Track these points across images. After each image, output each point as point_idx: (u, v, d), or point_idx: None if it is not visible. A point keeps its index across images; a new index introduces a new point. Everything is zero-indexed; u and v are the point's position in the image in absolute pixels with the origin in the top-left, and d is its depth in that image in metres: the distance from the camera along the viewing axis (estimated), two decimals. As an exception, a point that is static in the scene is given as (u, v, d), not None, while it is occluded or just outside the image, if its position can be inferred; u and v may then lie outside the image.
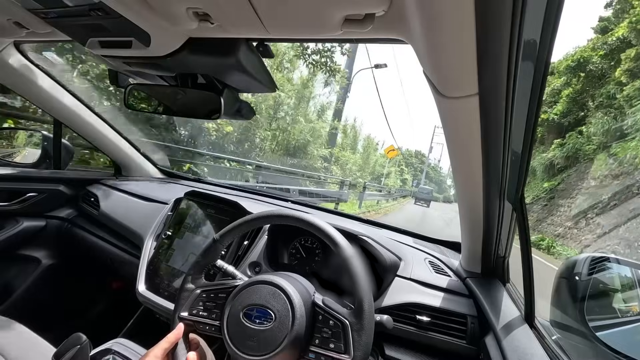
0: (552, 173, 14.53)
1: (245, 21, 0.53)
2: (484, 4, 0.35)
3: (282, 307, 0.61)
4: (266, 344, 0.60)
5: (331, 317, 0.62)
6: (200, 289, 0.70)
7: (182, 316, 0.68)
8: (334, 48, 9.95)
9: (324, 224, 0.70)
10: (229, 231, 0.75)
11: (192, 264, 0.74)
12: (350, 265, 0.65)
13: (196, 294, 0.70)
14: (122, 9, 0.53)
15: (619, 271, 0.88)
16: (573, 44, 30.35)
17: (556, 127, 14.95)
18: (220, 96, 0.72)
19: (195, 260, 0.74)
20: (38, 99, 1.35)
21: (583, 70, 14.19)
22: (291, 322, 0.60)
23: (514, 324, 0.75)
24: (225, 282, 0.71)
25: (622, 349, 0.69)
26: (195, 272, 0.73)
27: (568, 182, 13.18)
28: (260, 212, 0.75)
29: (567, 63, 14.67)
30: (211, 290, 0.70)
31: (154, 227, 1.27)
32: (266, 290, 0.64)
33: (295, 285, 0.66)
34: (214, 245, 0.74)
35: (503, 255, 0.86)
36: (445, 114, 0.55)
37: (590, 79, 14.07)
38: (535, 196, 14.51)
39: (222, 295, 0.69)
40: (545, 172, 15.06)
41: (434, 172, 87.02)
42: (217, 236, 0.75)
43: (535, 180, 15.41)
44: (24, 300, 1.49)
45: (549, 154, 14.64)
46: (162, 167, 1.89)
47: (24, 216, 1.49)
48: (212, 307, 0.68)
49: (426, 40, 0.44)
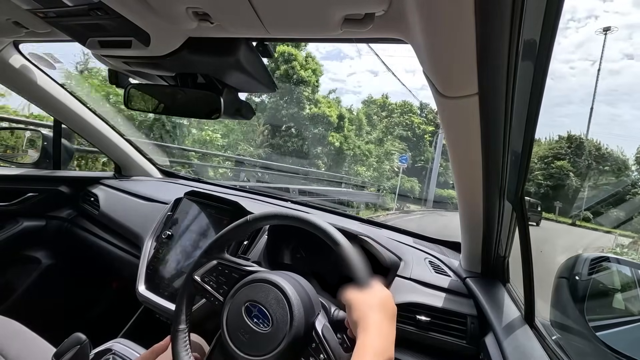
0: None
1: (245, 21, 0.52)
2: (484, 4, 0.35)
3: (281, 320, 0.60)
4: (256, 346, 0.59)
5: (324, 351, 0.59)
6: (217, 261, 0.72)
7: (195, 278, 0.71)
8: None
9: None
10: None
11: (217, 237, 0.74)
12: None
13: (213, 263, 0.72)
14: (121, 9, 0.53)
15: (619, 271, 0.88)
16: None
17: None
18: (220, 96, 0.72)
19: (221, 234, 0.74)
20: (38, 98, 1.35)
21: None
22: (283, 338, 0.59)
23: (514, 323, 0.75)
24: (241, 263, 0.71)
25: (622, 349, 0.69)
26: (218, 245, 0.74)
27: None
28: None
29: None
30: (227, 266, 0.71)
31: (154, 227, 1.27)
32: (273, 295, 0.62)
33: (302, 298, 0.63)
34: (246, 225, 0.74)
35: (503, 255, 0.86)
36: (445, 113, 0.55)
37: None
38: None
39: (235, 275, 0.69)
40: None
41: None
42: (250, 218, 0.74)
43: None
44: (24, 300, 1.49)
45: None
46: (162, 167, 1.89)
47: (24, 216, 1.49)
48: (222, 282, 0.70)
49: (426, 40, 0.44)
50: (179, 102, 0.82)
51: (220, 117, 0.73)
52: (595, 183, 23.77)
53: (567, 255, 0.94)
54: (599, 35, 39.54)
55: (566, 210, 20.84)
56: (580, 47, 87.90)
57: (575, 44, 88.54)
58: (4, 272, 1.48)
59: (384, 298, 0.57)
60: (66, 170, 1.64)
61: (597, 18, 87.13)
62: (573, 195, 22.78)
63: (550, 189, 22.84)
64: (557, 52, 28.50)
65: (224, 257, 0.73)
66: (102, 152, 1.69)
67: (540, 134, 28.27)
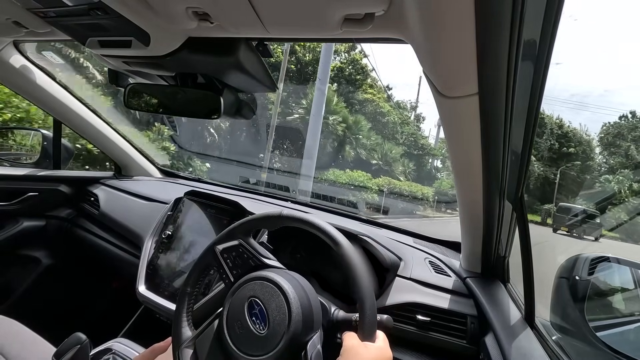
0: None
1: (244, 21, 0.52)
2: (484, 4, 0.35)
3: (275, 333, 0.59)
4: (245, 343, 0.59)
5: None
6: (240, 242, 0.72)
7: (216, 250, 0.72)
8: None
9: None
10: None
11: (248, 219, 0.75)
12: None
13: (235, 243, 0.72)
14: (121, 9, 0.53)
15: (619, 271, 0.88)
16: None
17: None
18: (220, 96, 0.72)
19: (251, 218, 0.75)
20: (38, 98, 1.35)
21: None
22: (269, 352, 0.58)
23: (514, 323, 0.75)
24: (262, 253, 0.71)
25: (622, 349, 0.69)
26: (245, 228, 0.74)
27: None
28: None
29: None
30: (247, 250, 0.71)
31: (154, 227, 1.27)
32: (277, 303, 0.62)
33: (304, 312, 0.62)
34: (277, 218, 0.74)
35: (503, 255, 0.86)
36: (446, 113, 0.55)
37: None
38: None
39: (251, 263, 0.70)
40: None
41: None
42: (285, 213, 0.74)
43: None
44: (24, 300, 1.49)
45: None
46: (162, 167, 1.89)
47: (24, 216, 1.49)
48: (238, 265, 0.70)
49: (426, 40, 0.44)
50: (179, 102, 0.82)
51: (220, 116, 0.73)
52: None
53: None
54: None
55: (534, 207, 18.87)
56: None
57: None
58: (4, 272, 1.48)
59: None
60: (66, 170, 1.64)
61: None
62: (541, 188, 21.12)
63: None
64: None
65: (247, 241, 0.73)
66: (102, 151, 1.69)
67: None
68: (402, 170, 17.16)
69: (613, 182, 17.55)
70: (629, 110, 21.87)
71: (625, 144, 19.45)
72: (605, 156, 20.79)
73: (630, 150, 19.31)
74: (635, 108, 28.10)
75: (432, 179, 19.70)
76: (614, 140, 20.11)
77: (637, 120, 20.36)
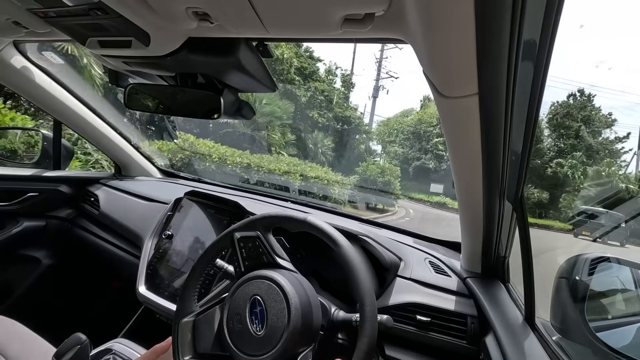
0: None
1: (245, 21, 0.52)
2: (484, 4, 0.35)
3: (270, 338, 0.59)
4: (239, 339, 0.60)
5: None
6: (258, 234, 0.72)
7: (235, 235, 0.72)
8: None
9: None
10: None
11: (271, 214, 0.75)
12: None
13: (253, 235, 0.73)
14: (121, 9, 0.53)
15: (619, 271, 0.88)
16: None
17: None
18: (220, 96, 0.72)
19: (274, 214, 0.75)
20: (37, 98, 1.35)
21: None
22: (262, 355, 0.59)
23: (514, 324, 0.75)
24: (277, 252, 0.72)
25: (623, 349, 0.68)
26: (266, 222, 0.75)
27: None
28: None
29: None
30: (263, 245, 0.72)
31: (154, 227, 1.27)
32: (279, 308, 0.62)
33: (304, 323, 0.62)
34: (298, 222, 0.74)
35: (503, 255, 0.86)
36: (445, 113, 0.55)
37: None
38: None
39: (264, 259, 0.70)
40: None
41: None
42: (310, 220, 0.74)
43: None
44: (24, 300, 1.49)
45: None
46: (162, 167, 1.89)
47: (24, 216, 1.49)
48: (251, 257, 0.71)
49: (426, 40, 0.44)
50: (179, 102, 0.82)
51: (220, 117, 0.73)
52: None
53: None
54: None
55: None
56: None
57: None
58: (4, 272, 1.48)
59: None
60: (66, 170, 1.64)
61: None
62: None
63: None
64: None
65: (266, 236, 0.73)
66: (102, 151, 1.69)
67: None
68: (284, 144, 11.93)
69: (566, 167, 16.90)
70: (577, 88, 20.41)
71: (576, 125, 18.53)
72: (554, 139, 19.74)
73: (581, 130, 18.42)
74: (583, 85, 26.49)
75: (358, 162, 14.81)
76: (562, 121, 19.16)
77: (585, 98, 19.41)
